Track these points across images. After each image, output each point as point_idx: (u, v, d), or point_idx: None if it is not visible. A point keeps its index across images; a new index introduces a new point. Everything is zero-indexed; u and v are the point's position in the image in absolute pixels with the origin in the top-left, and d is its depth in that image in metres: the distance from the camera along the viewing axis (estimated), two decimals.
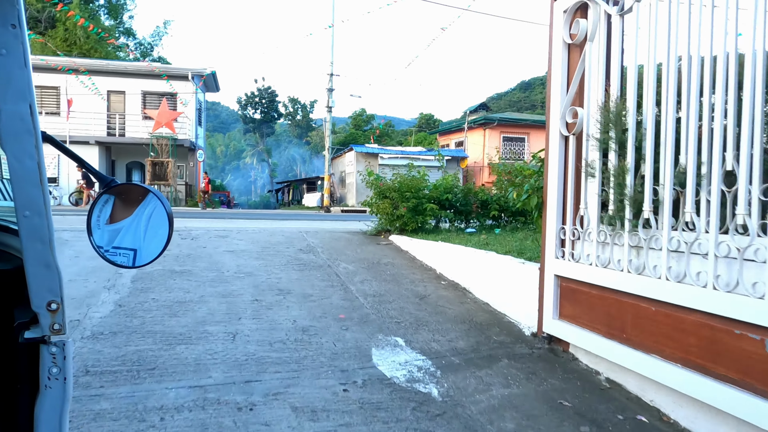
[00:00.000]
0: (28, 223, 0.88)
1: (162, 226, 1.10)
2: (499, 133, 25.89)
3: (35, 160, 0.87)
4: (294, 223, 11.10)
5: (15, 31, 0.84)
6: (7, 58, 0.84)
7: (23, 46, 0.85)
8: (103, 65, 23.14)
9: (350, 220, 13.67)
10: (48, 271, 0.91)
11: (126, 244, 1.08)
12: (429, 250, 5.94)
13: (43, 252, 0.90)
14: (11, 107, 0.84)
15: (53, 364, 0.94)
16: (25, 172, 0.86)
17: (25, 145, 0.86)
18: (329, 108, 20.92)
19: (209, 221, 11.17)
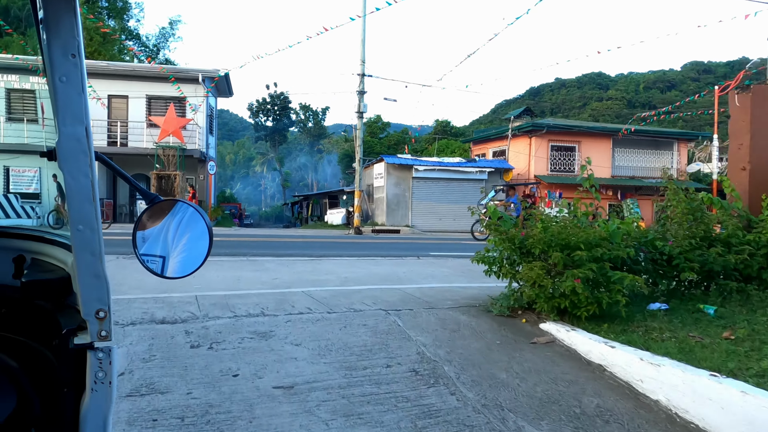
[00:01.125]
0: (80, 237, 0.93)
1: (203, 238, 1.15)
2: (547, 142, 23.01)
3: (89, 179, 0.92)
4: (345, 267, 8.30)
5: (74, 60, 0.90)
6: (66, 85, 0.89)
7: (81, 74, 0.90)
8: (102, 67, 20.59)
9: (409, 251, 10.82)
10: (98, 281, 0.96)
11: (166, 254, 1.13)
12: (666, 379, 3.02)
13: (93, 263, 0.95)
14: (69, 129, 0.90)
15: (99, 368, 0.99)
16: (80, 189, 0.91)
17: (80, 164, 0.90)
18: (360, 113, 18.16)
19: (224, 264, 8.41)
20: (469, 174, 21.54)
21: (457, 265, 8.65)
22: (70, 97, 0.90)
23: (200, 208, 1.17)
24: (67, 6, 0.89)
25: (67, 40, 0.89)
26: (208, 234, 1.16)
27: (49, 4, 0.88)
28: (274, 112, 56.24)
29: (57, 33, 0.89)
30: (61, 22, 0.89)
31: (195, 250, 1.16)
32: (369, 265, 8.36)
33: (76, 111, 0.91)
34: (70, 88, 0.90)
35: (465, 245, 13.21)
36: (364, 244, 12.95)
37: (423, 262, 9.16)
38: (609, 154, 23.64)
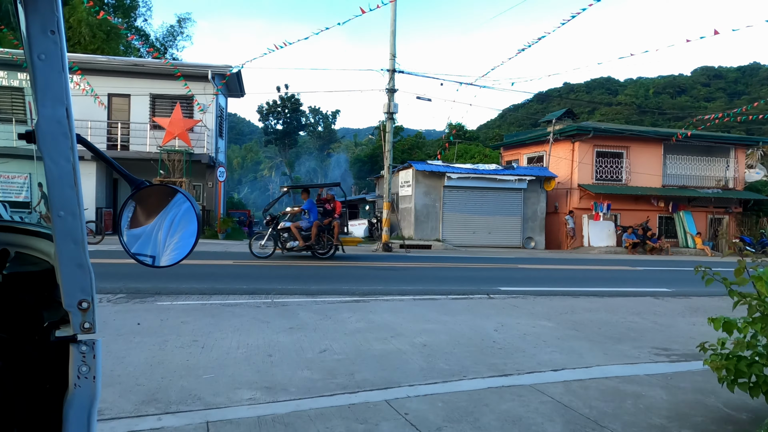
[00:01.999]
0: (62, 224, 0.89)
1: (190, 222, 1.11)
2: (592, 147, 20.75)
3: (70, 162, 0.88)
4: (409, 320, 6.20)
5: (54, 37, 0.85)
6: (46, 63, 0.85)
7: (61, 51, 0.86)
8: (102, 62, 18.61)
9: (468, 282, 8.64)
10: (80, 271, 0.92)
11: (154, 242, 1.10)
12: None
13: (76, 252, 0.91)
14: (49, 111, 0.86)
15: (83, 362, 0.95)
16: (61, 174, 0.88)
17: (61, 147, 0.87)
18: (390, 114, 16.00)
19: (245, 313, 6.36)
20: (506, 183, 19.33)
21: (553, 312, 6.47)
22: (49, 76, 0.86)
23: (191, 196, 1.12)
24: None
25: (46, 15, 0.85)
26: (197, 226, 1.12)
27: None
28: (284, 114, 54.30)
29: (35, 8, 0.85)
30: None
31: (184, 242, 1.11)
32: (438, 313, 6.17)
33: (56, 91, 0.86)
34: (49, 67, 0.85)
35: (521, 271, 11.00)
36: (406, 271, 10.77)
37: (501, 303, 6.98)
38: (659, 161, 21.37)
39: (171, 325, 5.07)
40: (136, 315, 5.51)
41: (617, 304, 7.36)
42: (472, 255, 15.31)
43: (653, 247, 19.18)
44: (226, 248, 14.58)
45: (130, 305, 6.07)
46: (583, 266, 13.06)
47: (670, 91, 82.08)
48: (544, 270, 11.63)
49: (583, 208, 20.44)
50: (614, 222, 20.43)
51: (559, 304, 7.14)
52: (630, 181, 21.09)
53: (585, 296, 7.99)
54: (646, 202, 20.90)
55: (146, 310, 5.80)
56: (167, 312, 5.69)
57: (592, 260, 15.22)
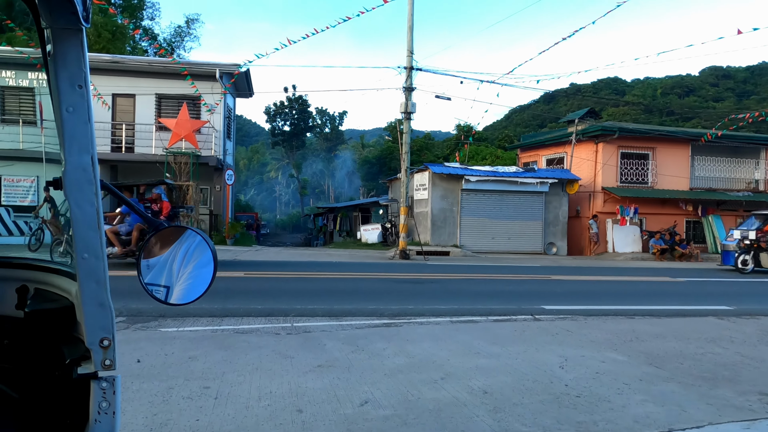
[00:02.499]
0: (85, 265, 0.92)
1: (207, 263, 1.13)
2: (616, 148, 19.80)
3: (94, 207, 0.92)
4: (455, 352, 5.41)
5: (81, 91, 0.90)
6: (73, 115, 0.90)
7: (88, 104, 0.90)
8: (106, 62, 17.88)
9: (505, 299, 7.78)
10: (102, 310, 0.95)
11: (171, 281, 1.11)
12: None
13: (98, 292, 0.94)
14: (76, 159, 0.90)
15: (103, 398, 0.97)
16: (85, 218, 0.91)
17: (86, 193, 0.91)
18: (407, 114, 15.15)
19: (263, 345, 5.58)
20: (528, 186, 18.42)
21: (616, 339, 5.60)
22: (76, 127, 0.90)
23: (206, 235, 1.15)
24: (74, 40, 0.89)
25: (74, 71, 0.89)
26: (212, 262, 1.13)
27: (57, 37, 0.88)
28: (291, 116, 53.61)
29: (64, 65, 0.89)
30: (69, 54, 0.89)
31: (199, 277, 1.13)
32: (486, 342, 5.31)
33: (82, 141, 0.90)
34: (76, 119, 0.90)
35: (555, 284, 10.11)
36: (432, 284, 9.91)
37: (551, 327, 6.11)
38: (687, 162, 20.39)
39: (177, 363, 4.25)
40: (137, 347, 4.70)
41: (682, 327, 6.47)
42: (495, 263, 14.43)
43: (682, 253, 18.21)
44: (235, 255, 13.80)
45: (130, 332, 5.25)
46: (618, 277, 12.15)
47: (678, 91, 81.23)
48: (579, 282, 10.75)
49: (607, 212, 19.50)
50: (639, 227, 19.48)
51: (616, 328, 6.27)
52: (656, 184, 20.13)
53: (640, 317, 7.10)
54: (673, 205, 19.93)
55: (148, 339, 4.98)
56: (173, 343, 4.86)
57: (623, 269, 14.30)
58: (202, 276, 1.13)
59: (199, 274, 1.13)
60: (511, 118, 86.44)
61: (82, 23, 0.88)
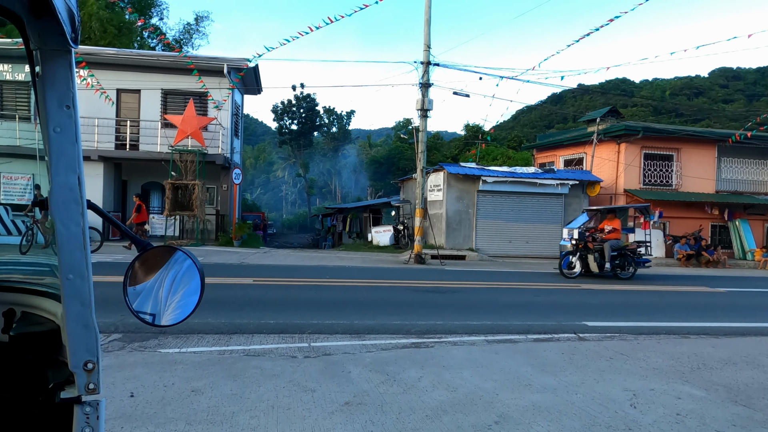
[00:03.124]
0: (70, 286, 0.92)
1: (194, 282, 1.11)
2: (639, 149, 18.98)
3: (80, 227, 0.91)
4: (502, 385, 4.84)
5: (69, 111, 0.90)
6: (61, 136, 0.89)
7: (75, 124, 0.90)
8: (111, 56, 17.27)
9: (541, 313, 7.04)
10: (87, 332, 0.94)
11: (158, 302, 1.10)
12: None
13: (83, 313, 0.93)
14: (62, 179, 0.90)
15: (86, 424, 0.96)
16: (71, 238, 0.90)
17: (72, 213, 0.90)
18: (424, 111, 14.42)
19: (278, 373, 4.97)
20: (547, 187, 17.64)
21: (682, 367, 4.87)
22: (63, 147, 0.90)
23: (195, 257, 1.12)
24: (63, 60, 0.89)
25: (63, 92, 0.90)
26: (200, 289, 1.12)
27: (46, 59, 0.89)
28: (299, 114, 52.98)
29: (53, 85, 0.90)
30: (57, 75, 0.90)
31: (186, 303, 1.11)
32: (534, 370, 4.59)
33: (69, 160, 0.90)
34: (63, 139, 0.90)
35: (587, 294, 9.35)
36: (456, 294, 9.19)
37: (602, 350, 5.38)
38: (713, 164, 19.53)
39: (177, 398, 3.56)
40: (131, 374, 4.01)
41: (750, 350, 5.72)
42: (515, 269, 13.68)
43: (709, 259, 17.37)
44: (243, 258, 13.13)
45: (125, 354, 4.57)
46: (650, 285, 11.38)
47: (687, 92, 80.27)
48: (612, 293, 9.99)
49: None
50: (663, 231, 18.65)
51: (675, 351, 5.52)
52: (680, 186, 19.28)
53: (695, 336, 6.36)
54: (698, 209, 19.09)
55: (145, 364, 4.29)
56: (173, 369, 4.17)
57: (652, 276, 13.51)
58: (188, 303, 1.11)
59: (186, 302, 1.11)
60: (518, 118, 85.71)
61: (71, 45, 0.89)
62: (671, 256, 18.12)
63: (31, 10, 0.86)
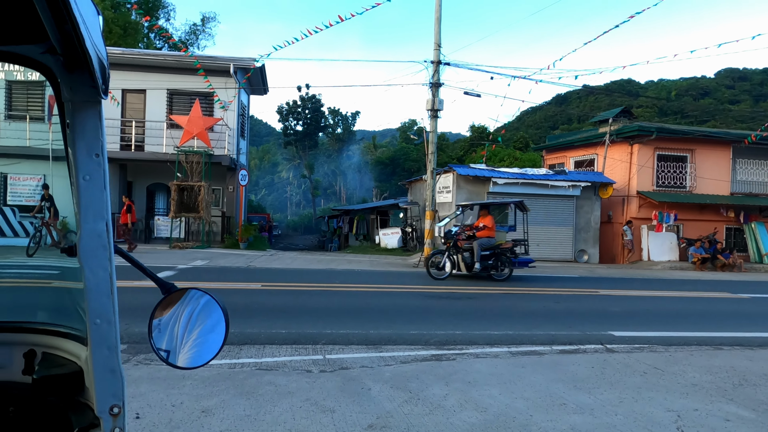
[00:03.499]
0: (97, 330, 0.92)
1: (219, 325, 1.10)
2: (652, 150, 18.60)
3: (108, 272, 0.92)
4: (535, 405, 4.55)
5: (98, 160, 0.91)
6: (90, 183, 0.91)
7: (104, 171, 0.92)
8: (116, 55, 17.06)
9: (561, 321, 6.73)
10: (113, 377, 0.94)
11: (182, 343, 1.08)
12: None
13: (109, 358, 0.93)
14: (91, 225, 0.91)
15: None
16: (99, 283, 0.91)
17: (100, 258, 0.91)
18: (434, 111, 14.13)
19: (294, 391, 4.72)
20: (558, 189, 17.30)
21: (723, 383, 4.56)
22: (93, 194, 0.91)
23: (216, 296, 1.13)
24: (93, 111, 0.91)
25: (92, 141, 0.91)
26: (224, 324, 1.10)
27: (76, 109, 0.90)
28: (304, 115, 52.79)
29: (83, 134, 0.90)
30: (87, 125, 0.91)
31: (210, 339, 1.09)
32: (567, 387, 4.29)
33: (98, 207, 0.91)
34: (93, 186, 0.91)
35: (608, 300, 9.01)
36: (471, 300, 8.88)
37: (634, 363, 5.07)
38: (728, 165, 19.12)
39: (186, 420, 3.28)
40: (137, 391, 3.74)
41: None
42: (527, 273, 13.36)
43: (725, 263, 16.98)
44: (249, 262, 12.87)
45: (130, 368, 4.30)
46: (670, 291, 11.04)
47: (693, 93, 79.77)
48: (633, 299, 9.66)
49: (642, 217, 18.32)
50: (677, 234, 18.27)
51: (711, 365, 5.21)
52: (695, 188, 18.89)
53: (729, 347, 6.04)
54: (712, 211, 18.69)
55: (152, 379, 4.02)
56: (182, 386, 3.89)
57: (670, 281, 13.16)
58: (213, 339, 1.09)
59: (208, 338, 1.09)
60: (522, 119, 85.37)
61: (102, 96, 0.89)
62: (685, 259, 17.74)
63: (65, 65, 0.87)
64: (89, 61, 0.80)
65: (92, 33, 0.82)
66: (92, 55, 0.81)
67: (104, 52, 0.89)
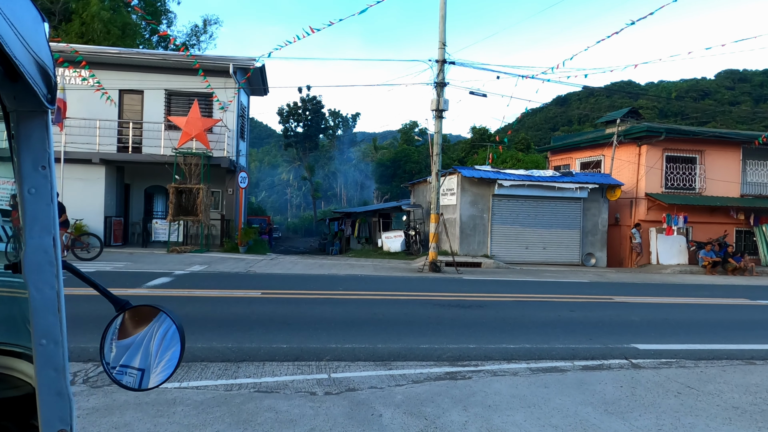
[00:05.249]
0: (43, 351, 0.90)
1: (174, 344, 1.08)
2: (661, 151, 18.21)
3: (55, 290, 0.90)
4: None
5: (44, 172, 0.89)
6: (35, 197, 0.89)
7: (51, 185, 0.90)
8: (113, 55, 16.69)
9: (583, 333, 6.34)
10: (60, 400, 0.92)
11: (135, 364, 1.07)
12: None
13: (56, 380, 0.91)
14: (37, 241, 0.89)
15: None
16: (45, 301, 0.89)
17: (46, 275, 0.89)
18: (439, 111, 13.72)
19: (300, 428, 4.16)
20: (565, 191, 16.90)
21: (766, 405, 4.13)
22: (38, 208, 0.89)
23: (178, 320, 1.10)
24: (39, 121, 0.90)
25: (38, 153, 0.89)
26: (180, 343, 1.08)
27: (21, 119, 0.89)
28: (305, 117, 52.43)
29: (28, 146, 0.89)
30: (33, 136, 0.89)
31: (165, 359, 1.08)
32: (596, 411, 3.90)
33: (44, 222, 0.90)
34: (39, 200, 0.89)
35: (625, 308, 8.61)
36: (482, 308, 8.48)
37: (663, 381, 4.67)
38: (738, 167, 18.72)
39: None
40: (121, 421, 3.34)
41: None
42: (536, 278, 12.96)
43: (736, 266, 16.57)
44: (249, 266, 12.47)
45: (115, 391, 3.89)
46: (686, 298, 10.64)
47: (693, 94, 79.58)
48: (651, 306, 9.25)
49: (651, 220, 17.91)
50: (686, 237, 17.86)
51: (747, 382, 4.81)
52: (704, 190, 18.48)
53: (761, 361, 5.64)
54: (722, 214, 18.28)
55: (138, 405, 3.61)
56: (171, 413, 3.49)
57: (685, 287, 12.76)
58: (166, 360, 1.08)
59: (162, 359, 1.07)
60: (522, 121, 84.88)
61: (47, 106, 0.88)
62: (695, 263, 17.33)
63: (6, 74, 0.86)
64: (24, 71, 0.77)
65: (29, 40, 0.78)
66: (27, 64, 0.78)
67: (49, 59, 0.86)
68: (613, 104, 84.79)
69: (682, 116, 63.71)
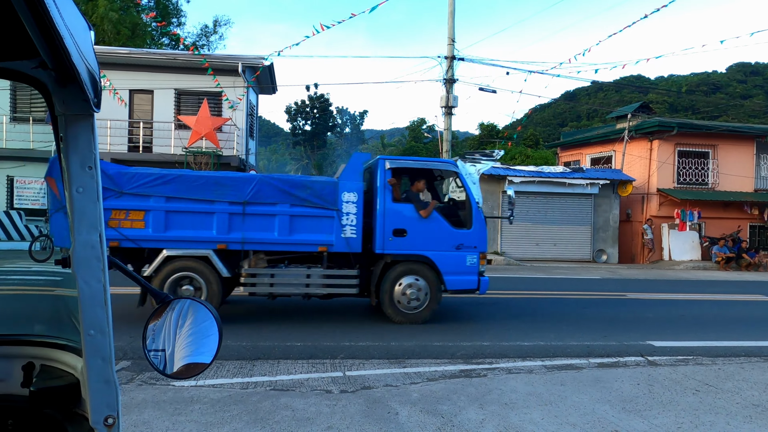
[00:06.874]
0: (91, 341, 0.93)
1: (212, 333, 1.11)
2: (673, 146, 18.02)
3: (101, 283, 0.93)
4: None
5: (91, 172, 0.92)
6: (83, 195, 0.92)
7: (97, 184, 0.93)
8: (123, 56, 16.80)
9: (608, 329, 6.27)
10: (107, 387, 0.95)
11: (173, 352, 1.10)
12: None
13: (104, 368, 0.94)
14: (84, 237, 0.92)
15: None
16: (93, 294, 0.92)
17: (94, 270, 0.92)
18: (448, 108, 13.69)
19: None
20: (576, 187, 16.78)
21: None
22: (85, 206, 0.92)
23: (208, 305, 1.14)
24: (85, 124, 0.93)
25: (85, 154, 0.92)
26: (218, 332, 1.12)
27: (69, 122, 0.92)
28: (313, 115, 52.51)
29: (76, 148, 0.92)
30: (80, 138, 0.92)
31: (203, 349, 1.11)
32: (613, 409, 3.87)
33: (91, 219, 0.92)
34: (86, 198, 0.92)
35: (639, 305, 8.53)
36: (495, 304, 8.45)
37: (682, 378, 4.64)
38: (751, 161, 18.49)
39: None
40: (140, 418, 3.36)
41: None
42: (547, 275, 12.89)
43: (750, 262, 16.37)
44: None
45: (134, 389, 3.93)
46: (702, 294, 10.52)
47: (704, 88, 78.66)
48: (665, 303, 9.17)
49: (663, 216, 17.74)
50: (699, 232, 17.66)
51: (766, 380, 4.74)
52: (717, 185, 18.27)
53: None
54: (735, 209, 18.06)
55: (156, 404, 3.64)
56: (189, 411, 3.51)
57: (699, 282, 12.63)
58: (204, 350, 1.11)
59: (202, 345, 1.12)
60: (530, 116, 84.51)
61: (93, 109, 0.90)
62: (708, 258, 17.15)
63: (57, 80, 0.89)
64: (78, 76, 0.81)
65: (82, 47, 0.82)
66: (81, 69, 0.81)
67: (95, 66, 0.88)
68: (623, 99, 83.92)
69: (693, 110, 63.00)
